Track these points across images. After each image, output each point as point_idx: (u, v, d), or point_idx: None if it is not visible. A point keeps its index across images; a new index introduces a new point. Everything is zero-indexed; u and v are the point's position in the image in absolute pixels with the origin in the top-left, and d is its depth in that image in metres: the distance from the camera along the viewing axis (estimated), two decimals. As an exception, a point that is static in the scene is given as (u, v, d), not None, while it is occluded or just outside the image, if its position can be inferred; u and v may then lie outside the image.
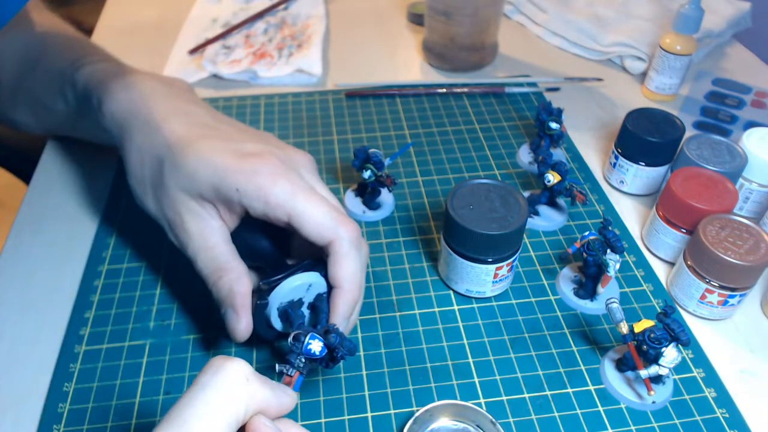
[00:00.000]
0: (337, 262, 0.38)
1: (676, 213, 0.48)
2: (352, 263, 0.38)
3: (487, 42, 0.72)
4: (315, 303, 0.40)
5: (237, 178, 0.38)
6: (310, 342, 0.35)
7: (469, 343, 0.44)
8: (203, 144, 0.40)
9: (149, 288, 0.48)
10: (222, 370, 0.27)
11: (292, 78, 0.71)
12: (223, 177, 0.38)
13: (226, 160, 0.39)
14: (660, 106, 0.60)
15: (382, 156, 0.50)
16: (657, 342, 0.38)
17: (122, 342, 0.44)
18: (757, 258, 0.42)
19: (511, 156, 0.61)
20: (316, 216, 0.38)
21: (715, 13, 0.75)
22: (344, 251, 0.38)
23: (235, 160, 0.39)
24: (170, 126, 0.42)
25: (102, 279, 0.48)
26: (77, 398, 0.41)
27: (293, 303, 0.39)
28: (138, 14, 0.84)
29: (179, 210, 0.40)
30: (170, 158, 0.40)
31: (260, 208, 0.38)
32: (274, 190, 0.38)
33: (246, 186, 0.38)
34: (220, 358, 0.27)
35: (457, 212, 0.43)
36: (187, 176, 0.39)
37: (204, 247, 0.40)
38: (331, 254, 0.38)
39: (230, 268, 0.39)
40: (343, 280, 0.38)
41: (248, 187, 0.38)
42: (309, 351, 0.35)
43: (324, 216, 0.38)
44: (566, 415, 0.40)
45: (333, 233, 0.38)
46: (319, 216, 0.38)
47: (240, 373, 0.27)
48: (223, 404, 0.26)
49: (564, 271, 0.48)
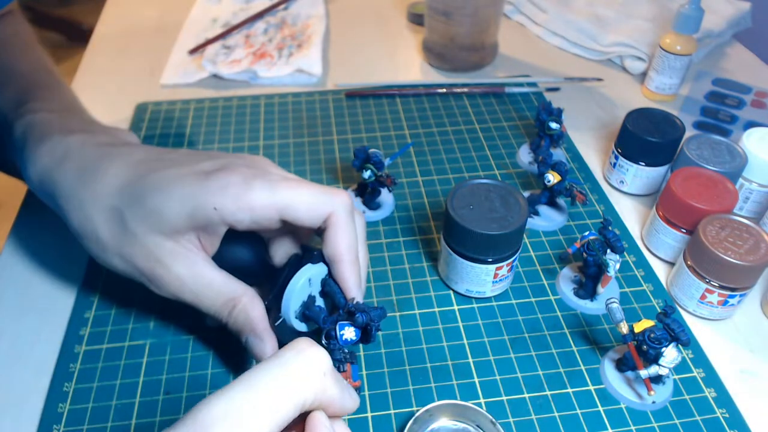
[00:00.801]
0: (336, 234, 0.37)
1: (676, 213, 0.48)
2: (350, 231, 0.38)
3: (487, 42, 0.72)
4: (324, 290, 0.39)
5: (209, 198, 0.35)
6: (343, 332, 0.35)
7: (469, 343, 0.44)
8: (158, 177, 0.37)
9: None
10: (305, 353, 0.27)
11: (292, 78, 0.71)
12: (195, 202, 0.35)
13: (190, 185, 0.36)
14: (660, 106, 0.60)
15: (382, 156, 0.50)
16: (657, 342, 0.38)
17: (122, 342, 0.44)
18: (757, 258, 0.42)
19: (511, 156, 0.61)
20: (304, 198, 0.37)
21: (715, 13, 0.75)
22: (342, 221, 0.37)
23: (199, 181, 0.36)
24: (113, 171, 0.38)
25: (102, 279, 0.48)
26: (77, 398, 0.41)
27: (306, 303, 0.39)
28: (138, 14, 0.84)
29: (158, 257, 0.37)
30: (127, 203, 0.36)
31: (246, 218, 0.36)
32: (253, 195, 0.36)
33: (223, 202, 0.35)
34: (305, 342, 0.27)
35: (457, 212, 0.43)
36: (155, 215, 0.36)
37: (203, 286, 0.37)
38: (328, 228, 0.37)
39: (238, 296, 0.38)
40: (345, 249, 0.38)
41: (226, 202, 0.35)
42: (346, 341, 0.35)
43: (312, 195, 0.37)
44: (566, 415, 0.40)
45: (328, 207, 0.37)
46: (308, 196, 0.37)
47: (321, 363, 0.27)
48: (297, 385, 0.26)
49: (564, 271, 0.48)
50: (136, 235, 0.36)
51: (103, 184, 0.37)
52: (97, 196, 0.37)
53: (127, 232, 0.36)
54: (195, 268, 0.37)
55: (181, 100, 0.67)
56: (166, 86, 0.70)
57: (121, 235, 0.37)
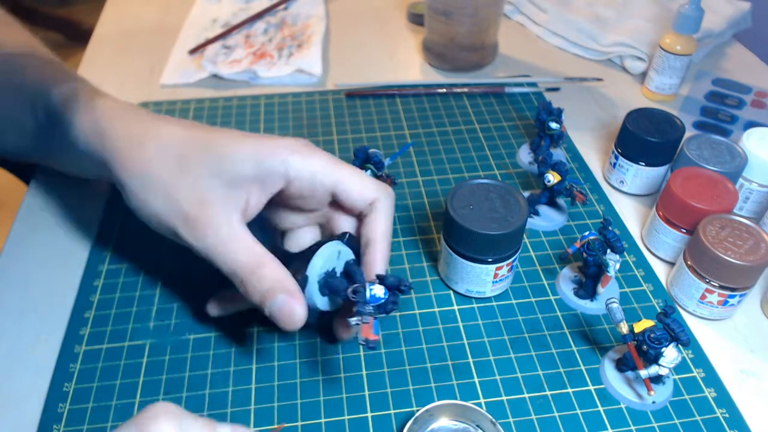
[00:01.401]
0: (377, 218, 0.41)
1: (676, 213, 0.48)
2: (390, 219, 0.41)
3: (487, 42, 0.72)
4: (347, 269, 0.40)
5: (281, 152, 0.38)
6: (372, 287, 0.35)
7: (469, 343, 0.44)
8: (225, 134, 0.39)
9: (149, 288, 0.48)
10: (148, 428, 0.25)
11: (292, 78, 0.71)
12: (268, 152, 0.38)
13: (260, 140, 0.39)
14: (660, 106, 0.60)
15: (382, 156, 0.50)
16: (657, 342, 0.38)
17: (122, 342, 0.44)
18: (757, 258, 0.42)
19: (511, 156, 0.61)
20: (360, 180, 0.41)
21: (715, 13, 0.75)
22: (387, 207, 0.41)
23: (269, 138, 0.39)
24: (175, 128, 0.40)
25: (102, 279, 0.48)
26: (77, 398, 0.41)
27: (330, 273, 0.38)
28: (138, 14, 0.84)
29: (206, 200, 0.38)
30: (192, 148, 0.39)
31: (308, 177, 0.39)
32: (318, 161, 0.40)
33: (292, 158, 0.38)
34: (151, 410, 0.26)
35: (457, 212, 0.43)
36: (223, 159, 0.38)
37: (234, 238, 0.37)
38: (372, 212, 0.41)
39: (265, 257, 0.37)
40: (382, 235, 0.41)
41: (294, 158, 0.39)
42: (374, 297, 0.35)
43: (366, 179, 0.41)
44: (566, 415, 0.40)
45: (377, 193, 0.41)
46: (362, 180, 0.41)
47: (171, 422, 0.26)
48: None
49: (564, 271, 0.48)
50: (194, 176, 0.38)
51: (167, 131, 0.40)
52: (162, 139, 0.39)
53: (185, 172, 0.38)
54: (233, 219, 0.38)
55: (181, 100, 0.67)
56: (166, 86, 0.70)
57: (176, 174, 0.38)
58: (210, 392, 0.41)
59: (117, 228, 0.52)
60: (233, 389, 0.41)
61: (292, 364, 0.43)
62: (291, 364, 0.43)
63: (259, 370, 0.42)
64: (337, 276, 0.39)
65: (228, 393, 0.41)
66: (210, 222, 0.37)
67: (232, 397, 0.41)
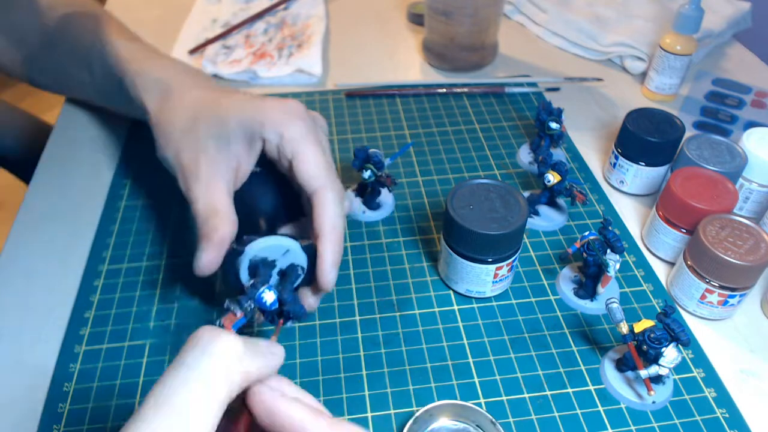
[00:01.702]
0: (322, 210, 0.40)
1: (676, 213, 0.48)
2: (336, 210, 0.41)
3: (487, 42, 0.72)
4: (286, 270, 0.40)
5: (263, 113, 0.42)
6: (266, 291, 0.36)
7: (469, 343, 0.44)
8: (232, 96, 0.45)
9: (149, 288, 0.48)
10: (211, 348, 0.25)
11: (292, 78, 0.71)
12: (253, 112, 0.42)
13: (253, 101, 0.43)
14: (660, 106, 0.60)
15: (382, 156, 0.50)
16: (657, 342, 0.38)
17: (122, 342, 0.44)
18: (757, 258, 0.42)
19: (511, 156, 0.61)
20: (313, 163, 0.41)
21: (715, 13, 0.75)
22: (329, 199, 0.41)
23: (262, 101, 0.43)
24: (200, 91, 0.46)
25: (102, 279, 0.48)
26: (77, 398, 0.41)
27: (266, 261, 0.39)
28: (138, 14, 0.84)
29: (198, 154, 0.43)
30: (204, 111, 0.44)
31: (275, 140, 0.42)
32: (290, 126, 0.41)
33: (270, 118, 0.42)
34: (207, 333, 0.25)
35: (457, 212, 0.43)
36: (219, 121, 0.43)
37: (207, 191, 0.42)
38: (315, 204, 0.41)
39: (223, 213, 0.41)
40: (329, 226, 0.40)
41: (271, 119, 0.42)
42: (261, 299, 0.36)
43: (320, 165, 0.41)
44: (566, 415, 0.40)
45: (322, 182, 0.41)
46: (317, 164, 0.41)
47: (232, 353, 0.25)
48: (216, 388, 0.24)
49: (564, 271, 0.48)
50: (196, 137, 0.43)
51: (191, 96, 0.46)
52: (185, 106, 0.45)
53: (192, 131, 0.43)
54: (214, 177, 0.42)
55: (181, 100, 0.67)
56: (166, 86, 0.70)
57: (186, 132, 0.44)
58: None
59: (117, 229, 0.52)
60: (233, 389, 0.41)
61: (292, 364, 0.43)
62: (291, 364, 0.43)
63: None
64: (275, 268, 0.40)
65: (228, 393, 0.41)
66: (196, 176, 0.42)
67: (232, 397, 0.41)
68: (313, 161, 0.41)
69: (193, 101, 0.45)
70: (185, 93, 0.47)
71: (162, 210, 0.54)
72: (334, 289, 0.48)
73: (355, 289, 0.48)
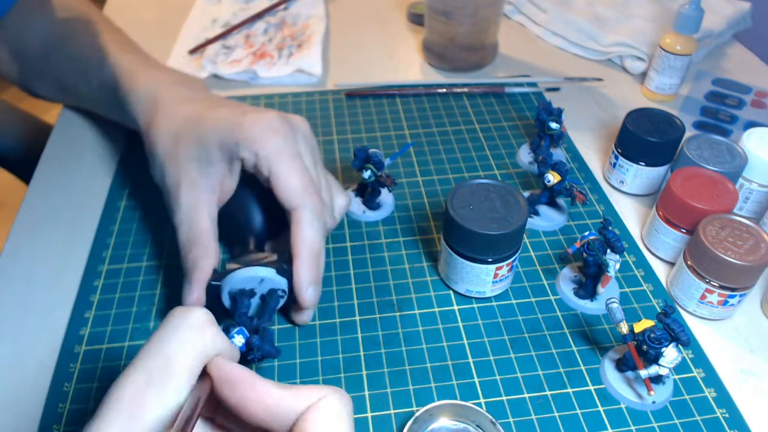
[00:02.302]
0: (297, 229, 0.41)
1: (676, 213, 0.48)
2: (311, 230, 0.41)
3: (487, 42, 0.72)
4: (266, 296, 0.41)
5: (238, 131, 0.41)
6: (235, 336, 0.37)
7: (469, 343, 0.44)
8: (213, 112, 0.44)
9: (149, 288, 0.48)
10: (190, 313, 0.27)
11: (292, 78, 0.71)
12: (228, 131, 0.42)
13: (230, 118, 0.42)
14: (660, 106, 0.60)
15: (382, 156, 0.50)
16: (657, 342, 0.38)
17: (122, 342, 0.44)
18: (757, 258, 0.42)
19: (511, 156, 0.61)
20: (289, 180, 0.41)
21: (715, 13, 0.75)
22: (305, 219, 0.41)
23: (238, 117, 0.42)
24: (186, 106, 0.46)
25: (102, 279, 0.48)
26: (77, 398, 0.41)
27: (244, 291, 0.41)
28: (138, 14, 0.84)
29: (179, 179, 0.43)
30: (185, 130, 0.44)
31: (251, 159, 0.41)
32: (266, 144, 0.41)
33: (244, 136, 0.41)
34: (177, 311, 0.27)
35: (457, 212, 0.43)
36: (199, 140, 0.43)
37: (187, 220, 0.42)
38: (292, 222, 0.41)
39: (202, 244, 0.42)
40: (304, 247, 0.40)
41: (246, 137, 0.41)
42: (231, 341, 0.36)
43: (296, 182, 0.41)
44: (566, 415, 0.40)
45: (299, 200, 0.41)
46: (292, 181, 0.41)
47: (205, 317, 0.27)
48: (197, 341, 0.26)
49: (564, 271, 0.48)
50: (179, 158, 0.43)
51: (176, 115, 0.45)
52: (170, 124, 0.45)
53: (175, 152, 0.44)
54: (194, 203, 0.43)
55: (181, 100, 0.67)
56: (166, 86, 0.70)
57: (170, 153, 0.44)
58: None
59: (117, 229, 0.52)
60: (233, 389, 0.41)
61: (292, 364, 0.43)
62: (291, 364, 0.43)
63: (259, 369, 0.42)
64: (255, 296, 0.41)
65: (228, 393, 0.41)
66: (177, 202, 0.43)
67: (232, 397, 0.41)
68: (288, 179, 0.41)
69: (177, 118, 0.45)
70: (171, 109, 0.46)
71: (162, 210, 0.54)
72: (334, 289, 0.48)
73: (355, 289, 0.48)
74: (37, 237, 0.52)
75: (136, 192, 0.56)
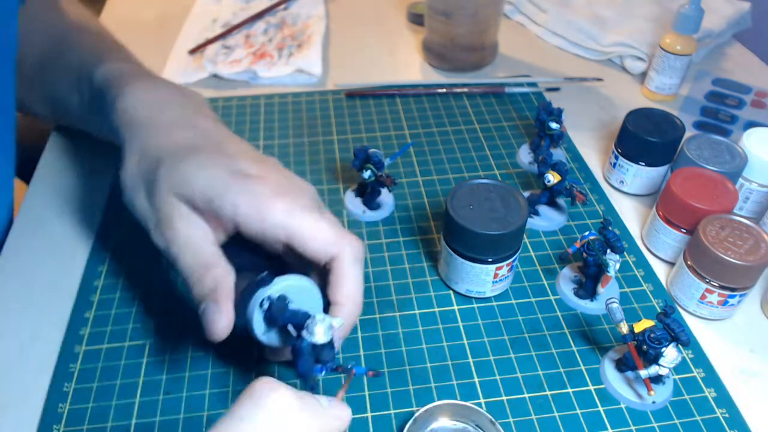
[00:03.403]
0: (338, 280, 0.37)
1: (676, 213, 0.48)
2: (356, 280, 0.37)
3: (487, 42, 0.72)
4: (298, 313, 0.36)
5: (234, 195, 0.37)
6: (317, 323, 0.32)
7: (469, 343, 0.44)
8: (203, 156, 0.39)
9: (149, 288, 0.48)
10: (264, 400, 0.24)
11: (292, 78, 0.71)
12: (220, 191, 0.37)
13: (224, 176, 0.38)
14: (660, 106, 0.60)
15: (382, 156, 0.50)
16: (657, 342, 0.38)
17: (122, 342, 0.44)
18: (757, 258, 0.42)
19: (511, 156, 0.61)
20: (317, 232, 0.37)
21: (715, 13, 0.75)
22: (347, 266, 0.37)
23: (234, 178, 0.38)
24: (175, 134, 0.41)
25: (102, 279, 0.48)
26: (77, 398, 0.41)
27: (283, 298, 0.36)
28: (138, 14, 0.84)
29: (169, 210, 0.38)
30: (168, 162, 0.39)
31: (256, 227, 0.37)
32: (271, 209, 0.36)
33: (242, 203, 0.37)
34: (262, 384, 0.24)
35: (457, 212, 0.43)
36: (182, 181, 0.38)
37: (190, 244, 0.38)
38: (332, 271, 0.37)
39: (217, 264, 0.37)
40: (346, 298, 0.37)
41: (244, 204, 0.37)
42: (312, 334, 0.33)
43: (326, 231, 0.37)
44: (566, 415, 0.40)
45: (337, 248, 0.37)
46: (321, 232, 0.37)
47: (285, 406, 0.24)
48: None
49: (564, 271, 0.48)
50: (161, 190, 0.38)
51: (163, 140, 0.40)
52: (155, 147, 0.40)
53: (156, 183, 0.39)
54: (193, 230, 0.38)
55: (181, 100, 0.67)
56: (166, 86, 0.70)
57: (151, 182, 0.39)
58: (210, 392, 0.41)
59: (117, 228, 0.52)
60: (233, 389, 0.41)
61: (292, 364, 0.43)
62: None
63: (259, 370, 0.42)
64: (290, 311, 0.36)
65: (228, 393, 0.41)
66: (173, 228, 0.38)
67: (233, 396, 0.41)
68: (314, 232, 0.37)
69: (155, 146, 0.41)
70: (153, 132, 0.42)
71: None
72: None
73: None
74: (37, 237, 0.52)
75: (136, 192, 0.56)
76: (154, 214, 0.39)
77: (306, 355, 0.33)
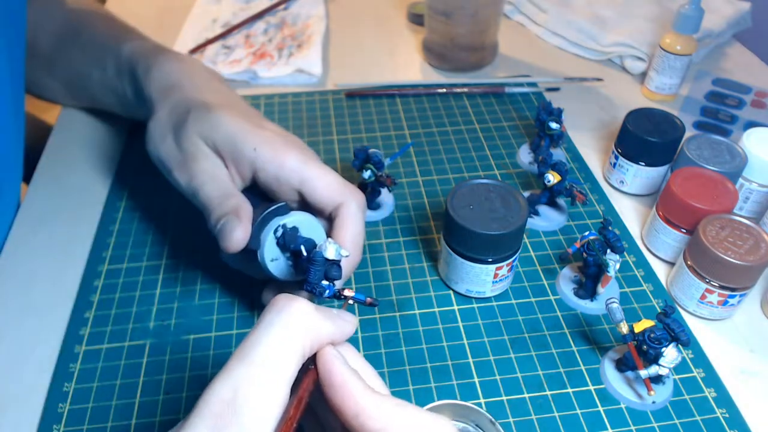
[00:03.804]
0: (344, 224, 0.41)
1: (676, 213, 0.48)
2: (358, 225, 0.41)
3: (487, 42, 0.72)
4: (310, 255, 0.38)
5: (256, 140, 0.41)
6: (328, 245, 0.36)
7: (469, 343, 0.44)
8: (229, 110, 0.44)
9: (149, 288, 0.48)
10: (287, 308, 0.27)
11: (292, 78, 0.71)
12: (243, 136, 0.42)
13: (247, 125, 0.42)
14: (660, 106, 0.60)
15: (382, 156, 0.50)
16: (657, 342, 0.38)
17: (122, 342, 0.44)
18: (757, 258, 0.42)
19: (511, 156, 0.61)
20: (326, 180, 0.41)
21: (715, 13, 0.75)
22: (352, 213, 0.41)
23: (255, 128, 0.43)
24: (204, 94, 0.46)
25: (102, 279, 0.48)
26: (77, 398, 0.41)
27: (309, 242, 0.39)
28: (138, 14, 0.84)
29: (195, 150, 0.43)
30: (197, 111, 0.44)
31: (273, 171, 0.41)
32: (288, 156, 0.41)
33: (263, 148, 0.41)
34: (283, 297, 0.28)
35: (457, 212, 0.43)
36: (210, 126, 0.42)
37: (213, 176, 0.42)
38: (338, 217, 0.41)
39: (237, 195, 0.41)
40: (350, 241, 0.41)
41: (265, 149, 0.41)
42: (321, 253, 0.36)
43: (334, 181, 0.41)
44: (566, 415, 0.40)
45: (343, 196, 0.41)
46: (330, 180, 0.41)
47: (304, 310, 0.27)
48: (292, 341, 0.26)
49: (564, 271, 0.48)
50: (189, 132, 0.43)
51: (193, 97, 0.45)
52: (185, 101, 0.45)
53: (185, 126, 0.43)
54: (216, 167, 0.42)
55: (181, 100, 0.67)
56: (166, 86, 0.70)
57: (180, 127, 0.44)
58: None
59: (117, 229, 0.52)
60: (233, 389, 0.41)
61: (292, 364, 0.43)
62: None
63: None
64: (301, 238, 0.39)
65: (228, 393, 0.41)
66: (196, 168, 0.42)
67: (232, 397, 0.41)
68: (324, 180, 0.41)
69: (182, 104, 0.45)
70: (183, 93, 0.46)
71: (162, 210, 0.54)
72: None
73: (355, 289, 0.48)
74: (37, 237, 0.52)
75: (136, 192, 0.56)
76: (180, 153, 0.44)
77: (319, 265, 0.36)
